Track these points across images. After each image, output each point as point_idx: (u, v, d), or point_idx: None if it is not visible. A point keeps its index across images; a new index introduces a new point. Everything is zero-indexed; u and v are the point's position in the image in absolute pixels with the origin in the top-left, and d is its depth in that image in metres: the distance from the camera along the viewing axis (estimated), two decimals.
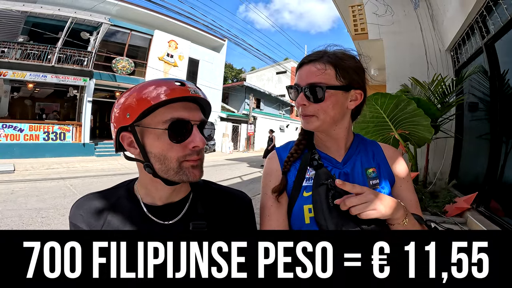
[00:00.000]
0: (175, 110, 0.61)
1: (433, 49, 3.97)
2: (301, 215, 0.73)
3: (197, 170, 0.64)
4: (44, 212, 4.42)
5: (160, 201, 0.68)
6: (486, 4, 2.65)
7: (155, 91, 0.60)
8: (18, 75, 10.18)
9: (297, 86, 0.73)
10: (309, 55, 0.76)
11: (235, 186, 5.54)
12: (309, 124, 0.74)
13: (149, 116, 0.61)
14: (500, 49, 2.66)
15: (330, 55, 0.73)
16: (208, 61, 16.92)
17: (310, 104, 0.72)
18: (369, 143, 0.83)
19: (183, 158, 0.61)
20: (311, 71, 0.72)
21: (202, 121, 0.65)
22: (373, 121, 3.03)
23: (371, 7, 4.44)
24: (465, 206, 2.77)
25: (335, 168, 0.76)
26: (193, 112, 0.64)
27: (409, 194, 0.79)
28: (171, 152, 0.61)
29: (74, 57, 11.21)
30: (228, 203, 0.74)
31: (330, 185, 0.68)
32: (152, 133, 0.61)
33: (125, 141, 0.65)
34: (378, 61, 6.08)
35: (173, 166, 0.61)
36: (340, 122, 0.75)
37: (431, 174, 3.71)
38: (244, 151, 20.18)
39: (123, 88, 13.36)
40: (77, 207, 0.68)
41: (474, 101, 3.43)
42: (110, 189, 0.73)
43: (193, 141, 0.61)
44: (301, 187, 0.75)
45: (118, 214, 0.67)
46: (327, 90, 0.70)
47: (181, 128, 0.61)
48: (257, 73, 29.41)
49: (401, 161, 0.82)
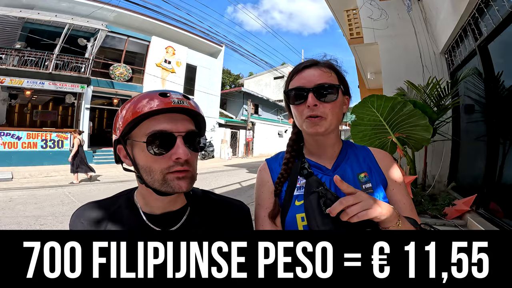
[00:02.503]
0: (158, 123, 0.62)
1: (427, 52, 4.01)
2: (294, 224, 0.73)
3: (183, 181, 0.63)
4: (42, 220, 4.40)
5: (158, 210, 0.69)
6: (478, 6, 2.69)
7: (139, 104, 0.61)
8: (15, 82, 10.17)
9: (302, 88, 0.73)
10: (307, 60, 0.78)
11: (234, 192, 5.54)
12: (319, 126, 0.73)
13: (136, 129, 0.63)
14: (493, 51, 2.69)
15: (329, 62, 0.77)
16: (206, 67, 17.00)
17: (321, 104, 0.72)
18: (359, 148, 0.84)
19: (167, 170, 0.62)
20: (318, 73, 0.74)
21: (188, 132, 0.64)
22: (370, 124, 3.04)
23: (365, 11, 4.50)
24: (465, 209, 2.77)
25: (325, 175, 0.77)
26: (178, 124, 0.63)
27: (402, 197, 0.78)
28: (155, 164, 0.62)
29: (72, 63, 11.24)
30: (226, 212, 0.75)
31: (321, 192, 0.68)
32: (137, 145, 0.63)
33: (121, 153, 0.67)
34: (374, 65, 6.13)
35: (157, 178, 0.62)
36: (338, 126, 0.78)
37: (430, 177, 3.72)
38: (243, 157, 20.15)
39: (121, 95, 13.37)
40: (77, 216, 0.68)
41: (470, 103, 3.46)
42: (110, 198, 0.74)
43: (176, 153, 0.61)
44: (293, 197, 0.75)
45: (117, 223, 0.68)
46: (339, 90, 0.74)
47: (163, 140, 0.61)
48: (254, 79, 29.55)
49: (393, 163, 0.82)
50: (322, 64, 0.75)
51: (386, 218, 0.60)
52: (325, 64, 0.76)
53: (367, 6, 4.36)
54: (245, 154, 20.52)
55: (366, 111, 2.91)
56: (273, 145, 23.02)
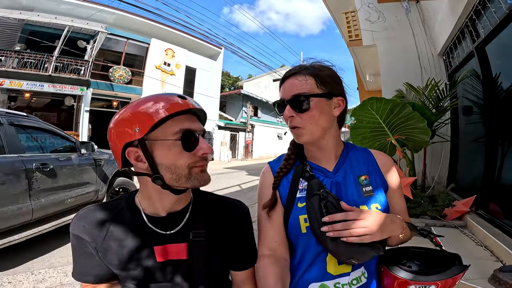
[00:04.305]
0: (181, 122, 0.65)
1: (425, 54, 4.03)
2: (297, 225, 0.74)
3: (206, 174, 0.68)
4: None
5: (163, 211, 0.70)
6: (475, 8, 2.70)
7: (161, 106, 0.63)
8: (15, 84, 10.18)
9: (282, 100, 0.76)
10: (289, 70, 0.79)
11: (234, 195, 5.50)
12: (299, 136, 0.75)
13: (158, 129, 0.63)
14: (491, 52, 2.70)
15: (308, 67, 0.77)
16: (205, 69, 17.04)
17: (297, 115, 0.74)
18: (360, 150, 0.85)
19: (193, 164, 0.65)
20: (293, 83, 0.75)
21: (203, 130, 0.70)
22: (369, 126, 3.04)
23: (364, 13, 4.52)
24: (464, 209, 2.77)
25: (326, 178, 0.78)
26: (196, 123, 0.68)
27: (401, 201, 0.82)
28: (181, 160, 0.64)
29: (71, 66, 11.25)
30: (226, 212, 0.76)
31: (322, 195, 0.70)
32: (162, 144, 0.64)
33: (132, 156, 0.66)
34: (373, 67, 6.16)
35: (184, 173, 0.64)
36: (329, 131, 0.77)
37: (429, 178, 3.72)
38: (242, 159, 20.14)
39: (120, 98, 13.37)
40: (79, 219, 0.68)
41: (468, 105, 3.46)
42: (112, 201, 0.74)
43: (202, 148, 0.66)
44: (295, 198, 0.76)
45: (120, 225, 0.68)
46: (311, 98, 0.73)
47: (190, 138, 0.65)
48: (254, 81, 29.62)
49: (393, 167, 0.83)
50: (301, 73, 0.75)
51: (380, 234, 0.66)
52: (304, 71, 0.75)
53: (365, 8, 4.38)
54: (245, 156, 20.51)
55: (366, 113, 2.91)
56: (272, 147, 23.03)
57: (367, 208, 0.73)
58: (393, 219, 0.71)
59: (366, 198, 0.75)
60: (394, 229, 0.70)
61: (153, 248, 0.66)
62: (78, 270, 0.68)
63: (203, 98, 16.56)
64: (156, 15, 16.74)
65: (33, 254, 2.99)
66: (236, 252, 0.75)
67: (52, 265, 2.78)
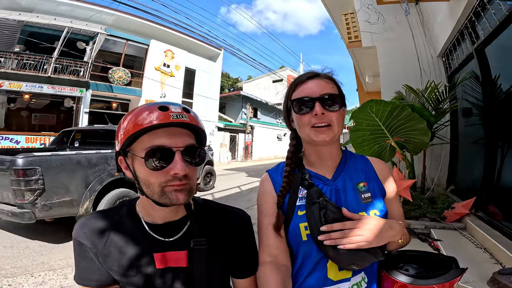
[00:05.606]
0: (157, 137, 0.62)
1: (425, 56, 4.03)
2: (298, 233, 0.75)
3: (181, 193, 0.63)
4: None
5: (160, 219, 0.70)
6: (475, 9, 2.70)
7: (139, 118, 0.62)
8: (14, 86, 10.16)
9: (309, 98, 0.75)
10: (309, 72, 0.81)
11: (233, 197, 5.53)
12: (325, 134, 0.75)
13: (136, 143, 0.63)
14: (490, 54, 2.70)
15: (328, 73, 0.81)
16: (205, 70, 17.04)
17: (328, 113, 0.74)
18: (358, 158, 0.86)
19: (165, 183, 0.62)
20: (321, 83, 0.77)
21: (188, 146, 0.64)
22: (369, 129, 3.04)
23: (363, 14, 4.52)
24: (464, 212, 2.77)
25: (325, 185, 0.79)
26: (177, 138, 0.63)
27: (398, 206, 0.84)
28: (153, 178, 0.62)
29: (71, 67, 11.23)
30: (227, 221, 0.76)
31: (322, 203, 0.71)
32: (137, 159, 0.63)
33: (122, 164, 0.68)
34: (373, 68, 6.16)
35: (156, 190, 0.63)
36: (340, 136, 0.80)
37: (429, 180, 3.72)
38: (242, 160, 20.13)
39: (120, 99, 13.36)
40: (81, 226, 0.69)
41: (468, 107, 3.47)
42: (113, 208, 0.75)
43: (173, 168, 0.61)
44: (295, 206, 0.77)
45: (120, 232, 0.68)
46: (339, 100, 0.77)
47: (161, 155, 0.61)
48: (253, 82, 29.64)
49: (390, 174, 0.86)
50: (323, 76, 0.79)
51: (377, 242, 0.68)
52: (326, 76, 0.79)
53: (364, 9, 4.39)
54: (244, 158, 20.50)
55: (365, 116, 2.91)
56: (272, 148, 23.03)
57: (366, 214, 0.74)
58: (391, 225, 0.72)
59: (365, 205, 0.76)
60: (392, 235, 0.71)
61: (153, 255, 0.66)
62: (79, 274, 0.69)
63: (202, 99, 16.57)
64: (155, 17, 16.71)
65: (33, 257, 2.98)
66: (237, 260, 0.75)
67: (51, 268, 2.77)
